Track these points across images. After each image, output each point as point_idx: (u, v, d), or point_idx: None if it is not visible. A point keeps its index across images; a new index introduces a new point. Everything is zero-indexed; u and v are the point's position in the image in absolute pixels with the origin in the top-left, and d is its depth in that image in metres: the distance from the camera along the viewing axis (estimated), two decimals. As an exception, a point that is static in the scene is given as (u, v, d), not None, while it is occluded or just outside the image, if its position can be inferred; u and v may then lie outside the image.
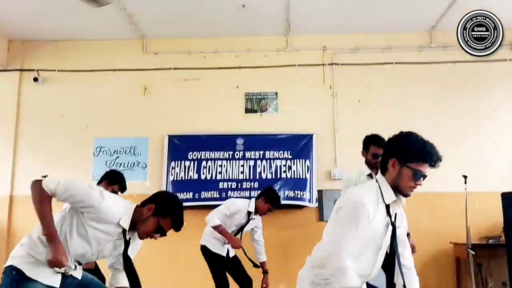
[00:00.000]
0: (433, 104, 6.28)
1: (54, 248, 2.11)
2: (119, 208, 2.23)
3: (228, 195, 6.06)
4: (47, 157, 6.35)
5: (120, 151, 6.34)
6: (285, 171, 6.14)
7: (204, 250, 4.38)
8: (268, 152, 6.22)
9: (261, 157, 6.21)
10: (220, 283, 4.23)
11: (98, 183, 4.00)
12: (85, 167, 6.27)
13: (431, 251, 5.91)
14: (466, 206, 5.07)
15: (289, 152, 6.20)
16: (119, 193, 4.62)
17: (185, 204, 5.96)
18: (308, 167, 6.14)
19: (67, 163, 6.29)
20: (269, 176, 6.13)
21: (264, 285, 4.52)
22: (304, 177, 6.11)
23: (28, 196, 6.49)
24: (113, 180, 3.93)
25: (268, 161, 6.19)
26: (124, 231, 2.23)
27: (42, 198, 2.17)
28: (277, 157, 6.20)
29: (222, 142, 6.26)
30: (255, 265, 4.48)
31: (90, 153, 6.34)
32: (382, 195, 2.07)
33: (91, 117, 6.45)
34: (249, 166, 6.18)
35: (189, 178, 6.15)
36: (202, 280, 5.85)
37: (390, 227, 2.08)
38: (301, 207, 6.03)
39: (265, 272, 4.60)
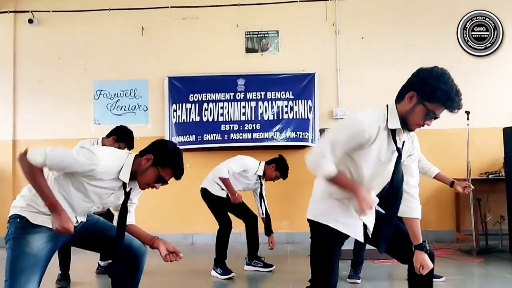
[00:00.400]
0: (438, 39, 6.12)
1: (58, 217, 2.09)
2: (116, 161, 2.20)
3: (231, 137, 6.08)
4: (47, 101, 6.33)
5: (120, 94, 6.30)
6: (287, 112, 6.12)
7: (205, 192, 4.44)
8: (269, 92, 6.17)
9: (262, 97, 6.16)
10: (223, 223, 4.33)
11: (107, 137, 3.99)
12: (86, 111, 6.26)
13: (431, 187, 6.00)
14: (468, 142, 5.09)
15: (291, 93, 6.14)
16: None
17: (188, 146, 6.13)
18: (310, 107, 6.11)
19: (68, 106, 6.27)
20: (271, 118, 6.11)
21: (271, 244, 4.62)
22: (306, 118, 6.09)
23: (30, 140, 6.60)
24: (122, 138, 3.93)
25: (269, 102, 6.15)
26: (124, 184, 2.24)
27: (33, 172, 2.09)
28: (279, 97, 6.15)
29: (223, 83, 6.19)
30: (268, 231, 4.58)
31: (91, 97, 6.30)
32: (387, 120, 2.04)
33: (89, 60, 6.35)
34: (251, 107, 6.15)
35: (191, 120, 6.14)
36: (205, 221, 6.03)
37: (396, 154, 2.06)
38: (303, 147, 6.07)
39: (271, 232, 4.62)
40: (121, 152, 2.32)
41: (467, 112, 5.06)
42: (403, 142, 2.11)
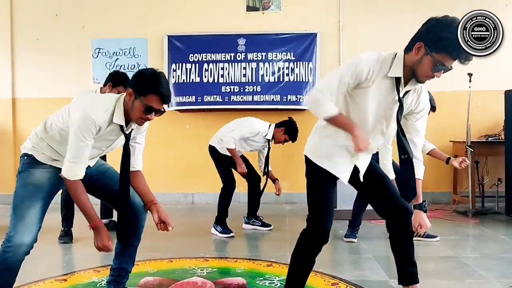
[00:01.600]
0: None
1: (100, 238, 2.22)
2: (108, 108, 2.19)
3: (231, 99, 6.05)
4: (46, 59, 6.26)
5: (119, 52, 6.21)
6: (287, 74, 6.06)
7: (212, 150, 4.47)
8: (270, 53, 6.08)
9: (263, 59, 6.09)
10: (227, 180, 4.37)
11: (104, 86, 3.98)
12: (85, 70, 6.20)
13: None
14: (469, 105, 5.07)
15: (292, 54, 6.06)
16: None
17: (188, 107, 6.11)
18: (311, 69, 6.04)
19: (66, 65, 6.21)
20: (272, 80, 6.06)
21: (278, 191, 4.67)
22: (307, 80, 6.04)
23: (30, 98, 6.58)
24: (117, 82, 3.88)
25: (270, 63, 6.08)
26: (121, 126, 2.24)
27: (75, 191, 2.19)
28: (280, 58, 6.07)
29: (223, 43, 6.10)
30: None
31: (89, 55, 6.23)
32: (389, 68, 2.01)
33: (86, 16, 6.23)
34: (252, 69, 6.09)
35: (191, 81, 6.09)
36: (205, 181, 6.10)
37: (397, 104, 2.04)
38: (303, 110, 6.06)
39: (275, 180, 4.70)
40: (110, 97, 2.29)
41: (470, 74, 5.02)
42: (406, 92, 2.07)
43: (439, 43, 1.90)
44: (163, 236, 4.30)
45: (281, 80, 6.06)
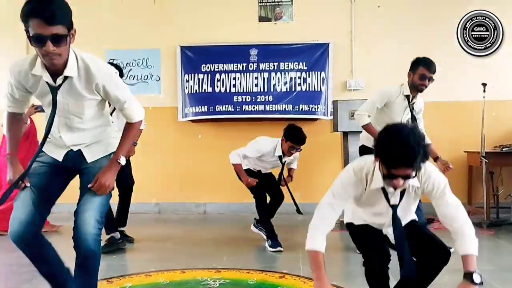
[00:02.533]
0: (454, 9, 5.94)
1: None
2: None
3: (243, 109, 6.08)
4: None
5: (132, 63, 6.29)
6: (299, 84, 6.07)
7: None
8: (282, 63, 6.10)
9: (275, 68, 6.11)
10: (256, 196, 4.27)
11: None
12: (99, 80, 6.26)
13: (445, 159, 5.95)
14: (483, 115, 5.02)
15: (304, 64, 6.07)
16: None
17: (200, 117, 6.16)
18: (323, 79, 6.05)
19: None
20: (284, 89, 6.08)
21: (290, 178, 4.53)
22: (319, 90, 6.04)
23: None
24: None
25: (282, 73, 6.10)
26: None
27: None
28: (292, 68, 6.09)
29: (235, 53, 6.14)
30: (298, 211, 4.40)
31: (103, 66, 6.30)
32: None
33: (101, 28, 6.31)
34: (263, 79, 6.11)
35: (203, 91, 6.14)
36: (216, 191, 6.12)
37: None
38: (315, 119, 6.06)
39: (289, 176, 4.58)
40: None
41: (484, 84, 4.98)
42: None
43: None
44: (175, 246, 4.33)
45: (293, 89, 6.07)
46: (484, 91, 4.96)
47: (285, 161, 4.37)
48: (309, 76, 6.07)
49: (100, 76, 2.06)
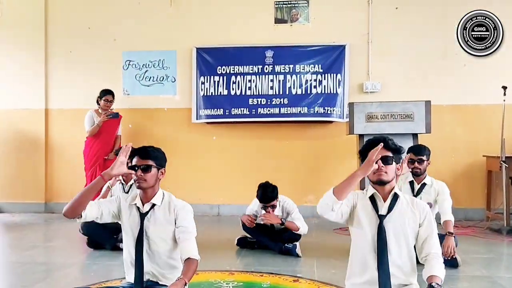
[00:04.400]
0: (474, 8, 5.81)
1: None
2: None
3: (258, 112, 6.05)
4: (78, 71, 6.41)
5: (148, 64, 6.31)
6: (315, 86, 6.02)
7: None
8: (298, 65, 6.06)
9: (291, 71, 6.07)
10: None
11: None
12: (116, 81, 6.31)
13: (463, 164, 5.87)
14: (503, 118, 4.91)
15: (320, 66, 6.02)
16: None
17: (216, 120, 6.17)
18: (339, 81, 5.99)
19: (98, 76, 6.34)
20: (299, 92, 6.03)
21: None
22: (335, 92, 5.98)
23: (62, 109, 6.76)
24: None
25: (298, 75, 6.05)
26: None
27: None
28: (308, 70, 6.04)
29: (251, 55, 6.12)
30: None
31: (120, 67, 6.35)
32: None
33: (118, 29, 6.36)
34: (279, 81, 6.08)
35: (218, 93, 6.13)
36: (230, 192, 6.11)
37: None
38: (331, 121, 6.00)
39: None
40: None
41: (504, 88, 4.87)
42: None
43: (363, 150, 2.29)
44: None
45: (309, 92, 6.03)
46: (505, 94, 4.85)
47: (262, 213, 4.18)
48: (325, 79, 6.02)
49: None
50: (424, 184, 3.79)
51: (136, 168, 2.36)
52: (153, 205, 2.41)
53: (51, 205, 6.18)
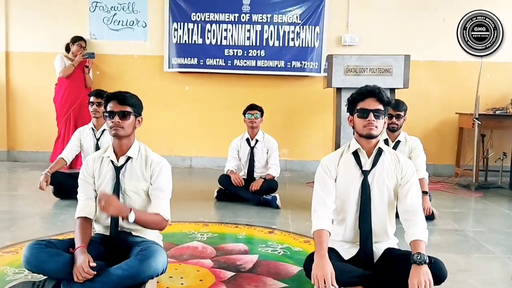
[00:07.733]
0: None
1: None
2: None
3: (234, 64, 5.87)
4: (41, 12, 5.99)
5: (117, 7, 5.94)
6: (293, 39, 5.84)
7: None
8: (276, 15, 5.85)
9: (268, 21, 5.86)
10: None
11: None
12: (81, 24, 5.93)
13: (435, 120, 5.92)
14: (479, 76, 4.90)
15: (298, 17, 5.83)
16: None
17: (189, 70, 5.94)
18: (317, 34, 5.83)
19: (62, 19, 5.95)
20: (276, 44, 5.86)
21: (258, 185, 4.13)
22: (312, 45, 5.83)
23: (24, 52, 6.36)
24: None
25: (275, 26, 5.85)
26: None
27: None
28: (286, 21, 5.84)
29: (227, 2, 5.85)
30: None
31: (86, 9, 5.95)
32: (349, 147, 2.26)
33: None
34: (256, 31, 5.87)
35: (193, 42, 5.88)
36: (202, 145, 6.00)
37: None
38: (307, 76, 5.89)
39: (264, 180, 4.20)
40: None
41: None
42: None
43: (353, 101, 2.22)
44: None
45: (286, 45, 5.86)
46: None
47: (253, 146, 4.27)
48: (302, 31, 5.84)
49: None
50: (399, 141, 3.76)
51: (113, 115, 2.19)
52: (129, 158, 2.27)
53: (14, 154, 5.90)
